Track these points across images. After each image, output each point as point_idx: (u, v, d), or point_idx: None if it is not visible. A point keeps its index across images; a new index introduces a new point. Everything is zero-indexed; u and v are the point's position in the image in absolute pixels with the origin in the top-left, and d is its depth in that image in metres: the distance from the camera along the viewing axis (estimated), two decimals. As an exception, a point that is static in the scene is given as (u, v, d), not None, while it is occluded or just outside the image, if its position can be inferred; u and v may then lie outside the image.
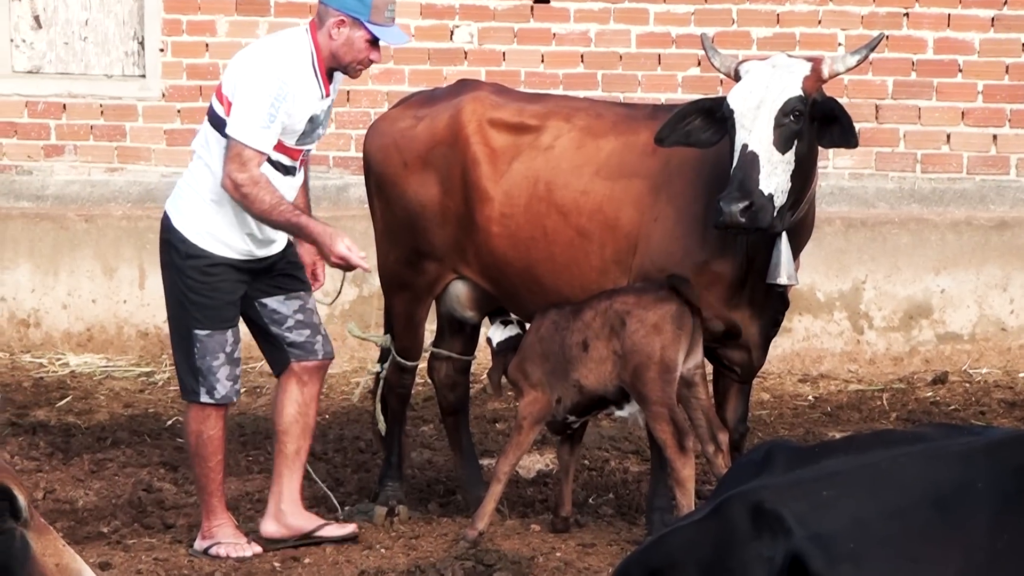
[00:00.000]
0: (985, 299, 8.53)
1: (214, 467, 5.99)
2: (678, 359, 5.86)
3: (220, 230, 5.87)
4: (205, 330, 5.87)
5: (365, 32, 5.87)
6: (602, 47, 8.83)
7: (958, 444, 3.44)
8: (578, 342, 5.95)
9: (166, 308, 6.05)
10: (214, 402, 5.93)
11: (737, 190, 5.71)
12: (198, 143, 6.01)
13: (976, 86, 8.65)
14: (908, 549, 3.33)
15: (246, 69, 5.85)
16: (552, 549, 5.99)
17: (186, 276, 5.87)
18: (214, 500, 6.01)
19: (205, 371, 5.89)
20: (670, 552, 3.46)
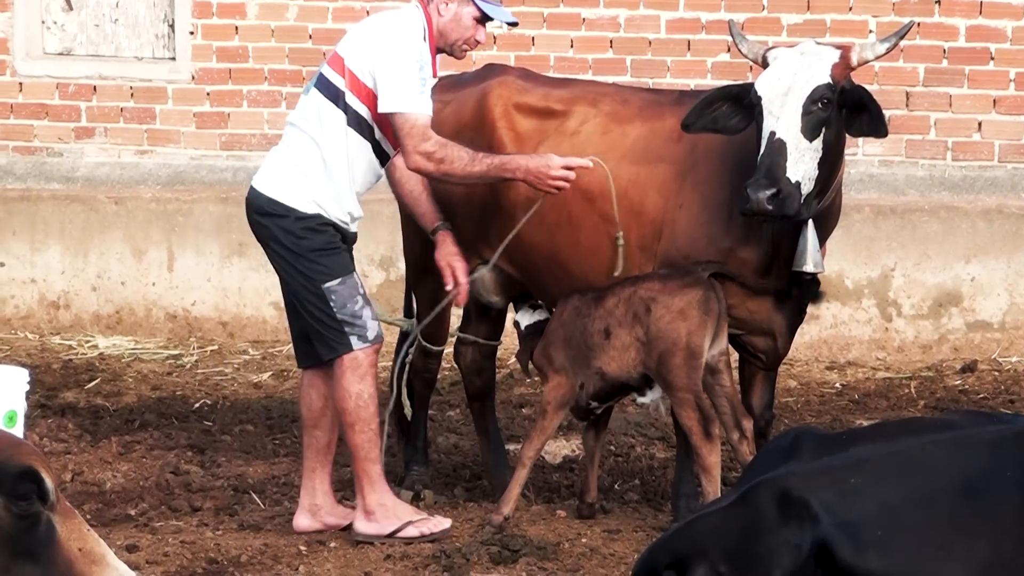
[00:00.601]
0: (1016, 287, 8.49)
1: (376, 430, 5.89)
2: (704, 345, 5.84)
3: (324, 200, 5.83)
4: (336, 279, 5.81)
5: (474, 8, 5.87)
6: (631, 32, 8.80)
7: (987, 432, 3.43)
8: (600, 329, 5.94)
9: (284, 285, 5.93)
10: (369, 343, 5.84)
11: (764, 177, 5.68)
12: (301, 117, 5.91)
13: (1008, 74, 8.60)
14: (935, 537, 3.32)
15: (382, 43, 5.78)
16: (578, 535, 5.99)
17: (300, 237, 5.81)
18: (377, 468, 5.90)
19: (350, 319, 5.82)
20: (696, 539, 3.45)
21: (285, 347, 8.74)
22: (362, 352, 5.85)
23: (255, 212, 5.91)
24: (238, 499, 6.46)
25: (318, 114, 5.86)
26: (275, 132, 9.09)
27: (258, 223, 5.91)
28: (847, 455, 3.45)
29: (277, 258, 5.90)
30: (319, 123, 5.86)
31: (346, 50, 5.88)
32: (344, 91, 5.83)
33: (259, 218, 5.90)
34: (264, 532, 6.08)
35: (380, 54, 5.77)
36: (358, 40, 5.87)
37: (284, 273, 5.91)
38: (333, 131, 5.83)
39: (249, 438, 7.26)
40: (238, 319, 8.93)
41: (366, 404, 5.85)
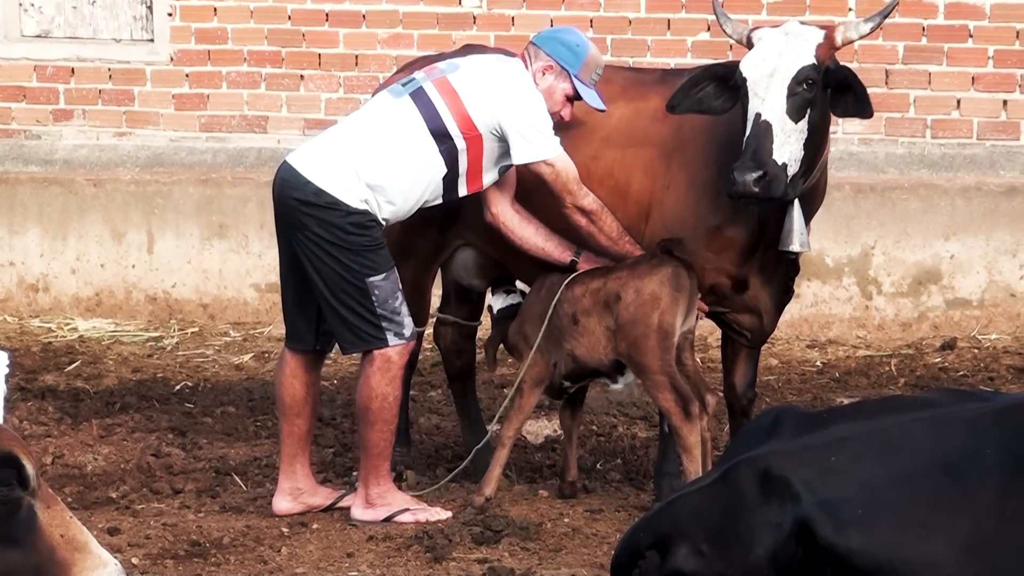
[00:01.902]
0: (994, 265, 8.51)
1: (393, 429, 5.91)
2: (676, 324, 5.84)
3: (374, 202, 5.78)
4: (380, 274, 5.77)
5: (569, 86, 5.88)
6: (611, 11, 8.79)
7: (967, 410, 3.44)
8: (568, 313, 5.94)
9: (317, 277, 5.79)
10: (405, 340, 5.82)
11: (751, 160, 5.68)
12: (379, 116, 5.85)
13: (987, 51, 8.61)
14: (916, 515, 3.33)
15: (512, 95, 5.80)
16: (560, 515, 5.99)
17: (348, 233, 5.75)
18: (386, 464, 5.92)
19: (390, 315, 5.79)
20: (678, 518, 3.46)
21: (266, 328, 8.73)
22: (396, 351, 5.82)
23: (293, 196, 5.79)
24: (220, 481, 6.45)
25: (404, 121, 5.82)
26: (254, 113, 9.08)
27: (296, 209, 5.79)
28: (828, 433, 3.46)
29: (313, 247, 5.78)
30: (401, 129, 5.81)
31: (460, 84, 5.83)
32: (444, 114, 5.80)
33: (299, 205, 5.78)
34: (246, 514, 6.08)
35: (512, 103, 5.78)
36: (479, 82, 5.84)
37: (319, 262, 5.78)
38: (414, 142, 5.79)
39: (231, 420, 7.25)
40: (219, 301, 8.92)
41: (390, 406, 5.86)
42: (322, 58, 9.01)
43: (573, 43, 5.92)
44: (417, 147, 5.81)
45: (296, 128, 9.02)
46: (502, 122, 5.79)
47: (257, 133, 9.08)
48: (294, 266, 5.91)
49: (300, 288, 5.93)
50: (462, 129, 5.81)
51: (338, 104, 9.01)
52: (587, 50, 5.91)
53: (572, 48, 5.90)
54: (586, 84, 5.89)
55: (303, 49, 9.01)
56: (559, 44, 5.91)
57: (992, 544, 3.27)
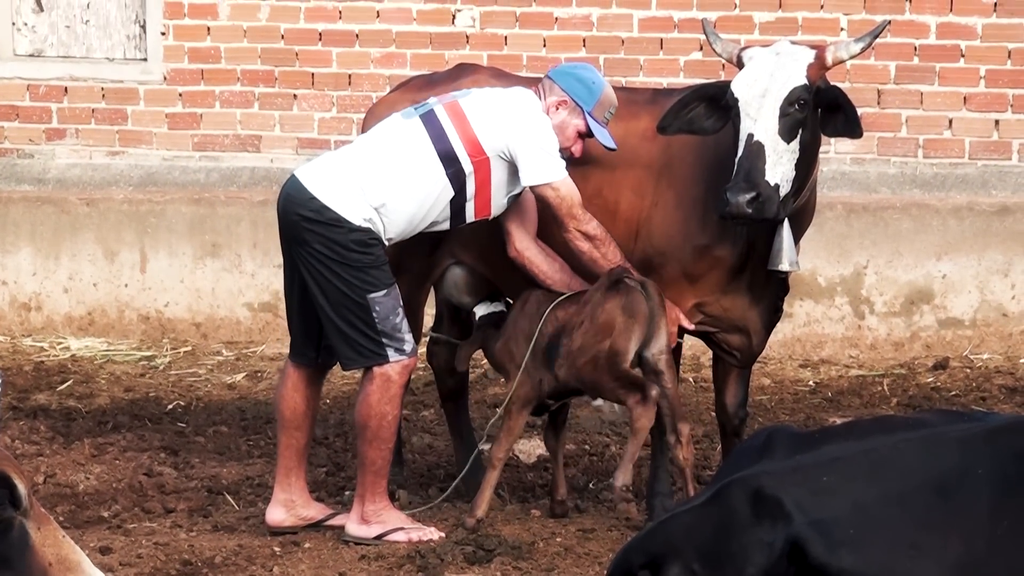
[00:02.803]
0: (987, 284, 8.52)
1: (392, 448, 5.91)
2: (629, 347, 5.81)
3: (378, 221, 5.79)
4: (382, 290, 5.78)
5: (582, 122, 5.89)
6: (604, 31, 8.81)
7: (959, 430, 3.44)
8: (547, 334, 5.93)
9: (319, 292, 5.79)
10: (406, 356, 5.82)
11: (744, 181, 5.69)
12: (390, 137, 5.86)
13: (979, 71, 8.63)
14: (908, 535, 3.33)
15: (521, 119, 5.82)
16: (552, 534, 5.99)
17: (351, 250, 5.75)
18: (383, 483, 5.92)
19: (390, 331, 5.79)
20: (670, 538, 3.46)
21: (259, 348, 8.72)
22: (395, 369, 5.82)
23: (297, 212, 5.80)
24: (212, 500, 6.45)
25: (412, 143, 5.83)
26: (248, 132, 9.09)
27: (299, 224, 5.79)
28: (820, 453, 3.46)
29: (315, 262, 5.78)
30: (409, 151, 5.83)
31: (471, 109, 5.85)
32: (453, 137, 5.81)
33: (302, 220, 5.78)
34: (238, 533, 6.07)
35: (521, 129, 5.80)
36: (490, 107, 5.86)
37: (321, 278, 5.78)
38: (421, 164, 5.80)
39: (223, 439, 7.24)
40: (211, 320, 8.92)
41: (389, 424, 5.86)
42: (315, 77, 9.02)
43: (589, 80, 5.93)
44: (424, 169, 5.82)
45: (289, 147, 9.03)
46: (510, 144, 5.80)
47: (250, 152, 9.09)
48: (296, 280, 5.92)
49: (302, 302, 5.94)
50: (470, 153, 5.83)
51: (331, 123, 9.02)
52: (602, 88, 5.93)
53: (588, 85, 5.91)
54: (599, 122, 5.91)
55: (296, 68, 9.03)
56: (575, 80, 5.93)
57: (983, 564, 3.27)
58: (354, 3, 8.97)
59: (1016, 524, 3.27)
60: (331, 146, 8.91)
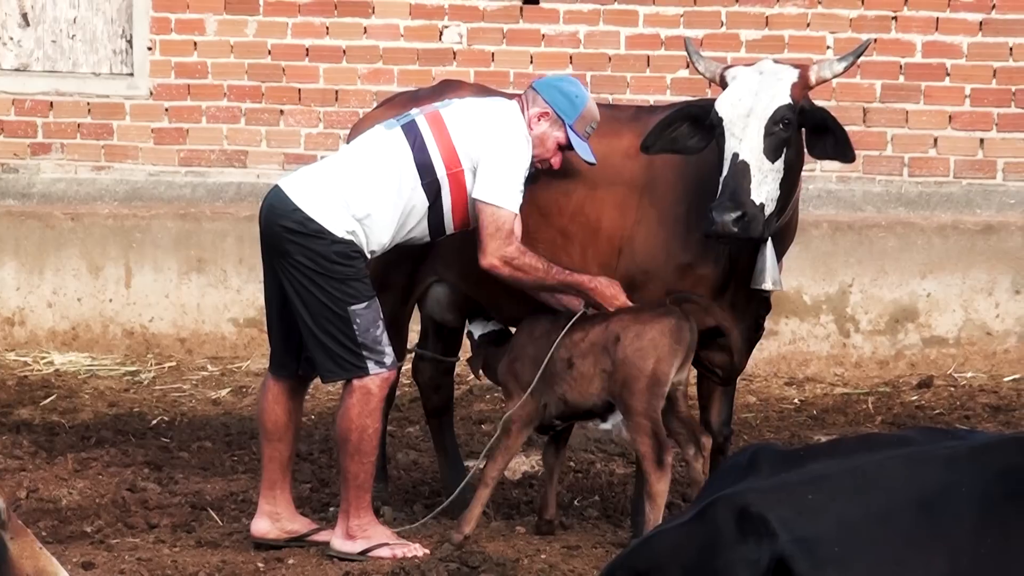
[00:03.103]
0: (971, 303, 8.54)
1: (373, 461, 5.90)
2: (670, 374, 5.82)
3: (360, 232, 5.79)
4: (363, 303, 5.77)
5: (563, 135, 5.90)
6: (591, 48, 8.83)
7: (943, 448, 3.44)
8: (564, 358, 5.92)
9: (299, 303, 5.78)
10: (386, 368, 5.82)
11: (729, 200, 5.70)
12: (371, 147, 5.86)
13: (964, 90, 8.66)
14: (893, 552, 3.33)
15: (498, 135, 5.82)
16: (537, 551, 5.98)
17: (333, 262, 5.75)
18: (367, 497, 5.91)
19: (371, 344, 5.79)
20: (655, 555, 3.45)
21: (244, 363, 8.71)
22: (375, 383, 5.82)
23: (280, 224, 5.80)
24: (195, 516, 6.43)
25: (393, 153, 5.84)
26: (234, 148, 9.08)
27: (281, 236, 5.79)
28: (805, 471, 3.46)
29: (297, 274, 5.78)
30: (389, 161, 5.83)
31: (451, 119, 5.86)
32: (431, 146, 5.82)
33: (284, 232, 5.78)
34: (222, 549, 6.05)
35: (495, 145, 5.80)
36: (470, 119, 5.87)
37: (303, 289, 5.78)
38: (400, 174, 5.81)
39: (207, 455, 7.22)
40: (196, 335, 8.90)
41: (370, 438, 5.85)
42: (302, 93, 9.03)
43: (572, 94, 5.94)
44: (402, 179, 5.83)
45: (276, 163, 9.02)
46: (482, 156, 5.81)
47: (237, 168, 9.08)
48: (278, 291, 5.92)
49: (283, 313, 5.94)
50: (446, 163, 5.83)
51: (318, 139, 9.02)
52: (585, 103, 5.93)
53: (571, 99, 5.92)
54: (579, 136, 5.91)
55: (283, 84, 9.02)
56: (558, 93, 5.93)
57: (968, 583, 3.27)
58: (341, 19, 8.98)
59: (1000, 542, 3.27)
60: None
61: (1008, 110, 8.65)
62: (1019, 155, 8.67)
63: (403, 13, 8.92)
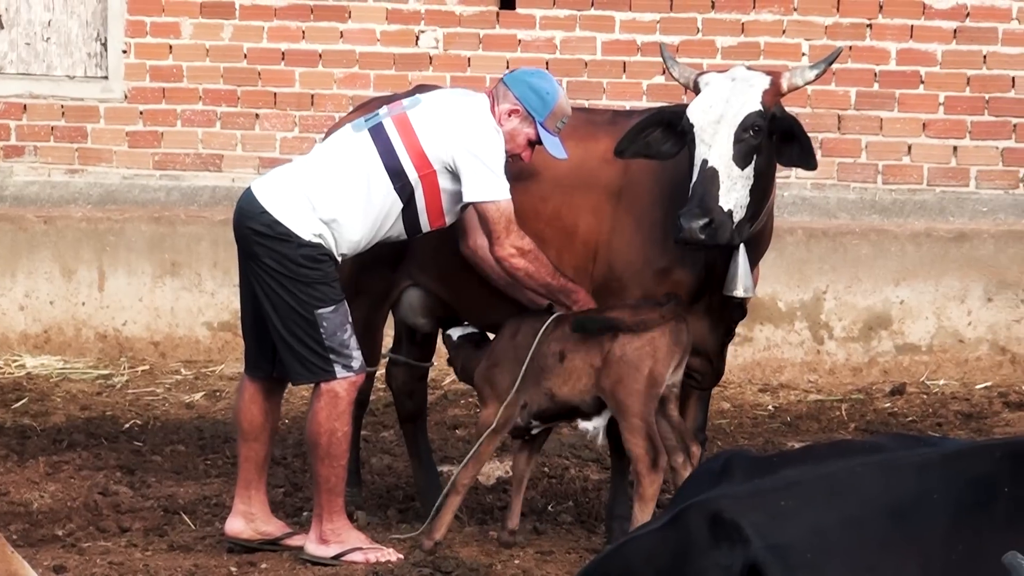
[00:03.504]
0: (943, 311, 8.57)
1: (345, 465, 5.89)
2: (666, 375, 5.81)
3: (329, 236, 5.78)
4: (330, 306, 5.77)
5: (533, 131, 5.87)
6: (567, 54, 8.83)
7: (915, 455, 3.46)
8: (555, 352, 5.89)
9: (268, 306, 5.78)
10: (354, 372, 5.81)
11: (697, 206, 5.70)
12: (339, 150, 5.85)
13: (938, 97, 8.69)
14: (865, 559, 3.34)
15: (467, 130, 5.79)
16: (510, 556, 5.98)
17: (300, 265, 5.74)
18: (340, 500, 5.90)
19: (338, 347, 5.78)
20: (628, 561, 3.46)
21: (218, 367, 8.68)
22: (343, 386, 5.81)
23: (248, 226, 5.80)
24: (168, 520, 6.41)
25: (361, 156, 5.83)
26: (209, 152, 9.06)
27: (250, 238, 5.80)
28: (778, 477, 3.47)
29: (266, 276, 5.79)
30: (357, 165, 5.82)
31: (418, 121, 5.84)
32: (400, 150, 5.81)
33: (252, 234, 5.79)
34: (194, 553, 6.03)
35: (467, 143, 5.78)
36: (437, 119, 5.84)
37: (271, 292, 5.79)
38: (369, 178, 5.80)
39: (180, 459, 7.20)
40: (170, 339, 8.87)
41: (339, 441, 5.84)
42: (277, 97, 9.01)
43: (543, 90, 5.91)
44: (373, 184, 5.82)
45: (251, 167, 9.01)
46: (456, 157, 5.80)
47: (212, 171, 9.06)
48: (251, 292, 5.92)
49: (257, 315, 5.93)
50: (416, 166, 5.82)
51: (293, 143, 9.00)
52: (556, 98, 5.91)
53: (541, 95, 5.90)
54: (550, 132, 5.90)
55: (259, 88, 9.01)
56: (528, 88, 5.91)
57: (939, 589, 3.28)
58: (317, 23, 8.97)
59: (971, 549, 3.28)
60: (292, 166, 8.89)
61: (981, 118, 8.68)
62: (992, 163, 8.71)
63: (379, 18, 8.91)
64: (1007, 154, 8.72)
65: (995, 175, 8.72)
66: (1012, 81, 8.66)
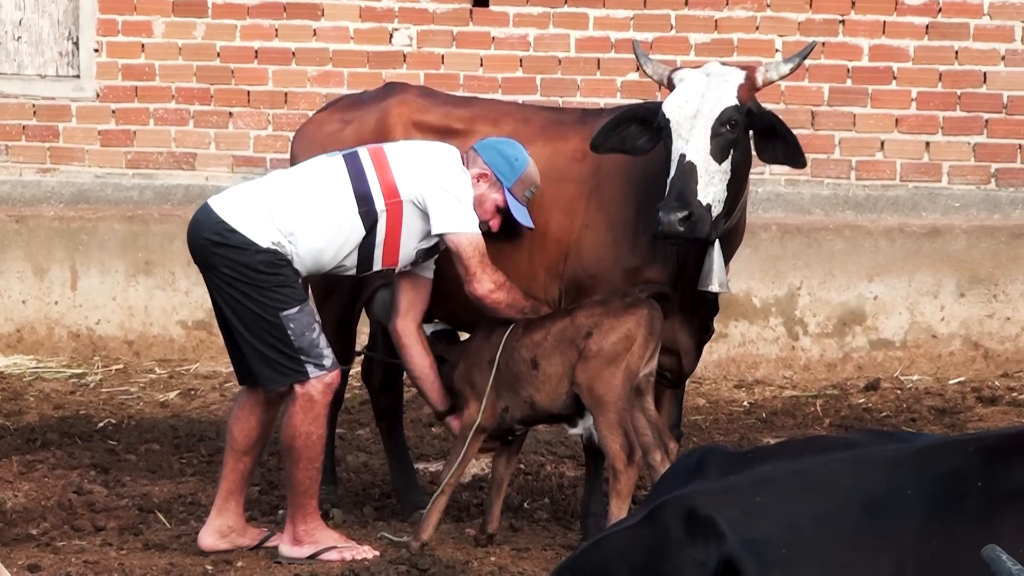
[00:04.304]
0: (916, 306, 8.60)
1: (319, 467, 5.90)
2: (641, 366, 5.82)
3: (287, 246, 5.78)
4: (294, 307, 5.77)
5: (500, 197, 5.89)
6: (541, 51, 8.84)
7: (888, 451, 3.47)
8: (526, 359, 5.88)
9: (231, 315, 5.80)
10: (326, 370, 5.81)
11: (676, 200, 5.71)
12: (309, 173, 5.88)
13: (910, 93, 8.72)
14: (839, 554, 3.35)
15: (439, 169, 5.83)
16: (486, 553, 5.98)
17: (259, 272, 5.75)
18: (313, 502, 5.92)
19: (308, 347, 5.78)
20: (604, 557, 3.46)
21: (192, 366, 8.67)
22: (317, 388, 5.81)
23: (204, 236, 5.81)
24: (143, 519, 6.40)
25: (331, 178, 5.85)
26: (182, 150, 9.04)
27: (207, 249, 5.81)
28: (753, 473, 3.47)
29: (226, 286, 5.80)
30: (326, 185, 5.84)
31: (393, 155, 5.88)
32: (371, 177, 5.83)
33: (209, 245, 5.80)
34: (170, 551, 6.02)
35: (436, 179, 5.81)
36: (411, 156, 5.89)
37: (233, 301, 5.80)
38: (336, 199, 5.82)
39: (155, 457, 7.19)
40: (144, 338, 8.85)
41: (314, 444, 5.85)
42: (251, 95, 8.99)
43: (512, 157, 5.94)
44: (337, 204, 5.84)
45: (225, 165, 8.99)
46: (425, 192, 5.81)
47: (185, 170, 9.04)
48: (217, 305, 5.92)
49: (229, 326, 5.92)
50: (385, 194, 5.85)
51: (267, 141, 8.99)
52: (524, 166, 5.93)
53: (510, 161, 5.92)
54: (518, 199, 5.90)
55: (232, 86, 8.99)
56: (498, 155, 5.94)
57: (913, 584, 3.29)
58: (290, 21, 8.96)
59: (944, 545, 3.30)
60: (267, 164, 8.89)
61: (953, 114, 8.72)
62: (964, 159, 8.74)
63: (353, 15, 8.90)
64: (979, 149, 8.75)
65: (967, 170, 8.75)
66: (984, 77, 8.70)
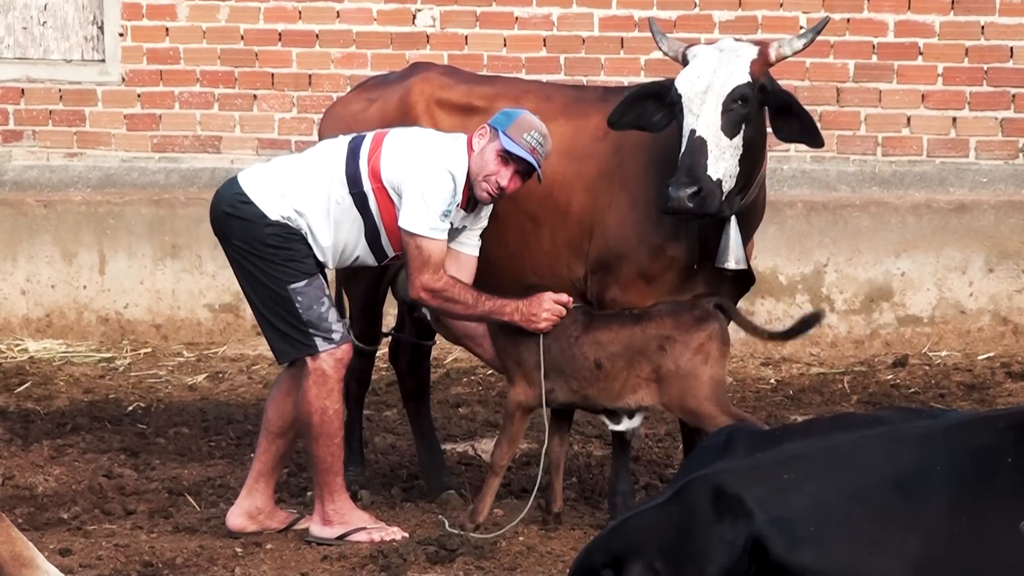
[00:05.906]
0: (944, 282, 8.57)
1: (340, 443, 5.90)
2: (725, 372, 5.80)
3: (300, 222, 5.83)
4: (302, 280, 5.82)
5: (498, 143, 5.83)
6: (564, 31, 8.82)
7: (917, 427, 3.46)
8: (589, 358, 5.84)
9: (247, 286, 5.89)
10: (335, 345, 5.83)
11: (685, 175, 5.70)
12: (323, 152, 5.92)
13: (936, 69, 8.68)
14: (868, 532, 3.35)
15: (420, 164, 5.81)
16: (515, 533, 5.99)
17: (268, 244, 5.81)
18: (339, 480, 5.92)
19: (316, 320, 5.81)
20: (632, 536, 3.47)
21: (220, 349, 8.69)
22: (328, 363, 5.82)
23: (221, 208, 5.89)
24: (173, 501, 6.42)
25: (330, 157, 5.90)
26: (207, 133, 9.05)
27: (223, 219, 5.89)
28: (780, 451, 3.47)
29: (239, 257, 5.88)
30: (324, 163, 5.89)
31: (389, 142, 5.89)
32: (362, 161, 5.85)
33: (224, 216, 5.88)
34: (199, 534, 6.05)
35: (413, 174, 5.79)
36: (403, 146, 5.88)
37: (246, 272, 5.88)
38: (330, 180, 5.86)
39: (184, 440, 7.21)
40: (172, 321, 8.88)
41: (331, 419, 5.85)
42: (275, 78, 9.00)
43: (513, 112, 5.92)
44: (331, 184, 5.87)
45: (250, 148, 9.00)
46: (402, 184, 5.82)
47: (210, 153, 9.06)
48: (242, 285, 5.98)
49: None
50: (371, 178, 5.87)
51: (291, 124, 9.00)
52: (520, 113, 5.90)
53: (507, 113, 5.91)
54: (517, 143, 5.82)
55: (256, 69, 9.00)
56: (501, 114, 5.94)
57: (942, 561, 3.29)
58: (314, 3, 8.96)
59: (974, 521, 3.29)
60: (291, 146, 8.90)
61: (980, 88, 8.67)
62: (991, 134, 8.70)
63: (376, -3, 8.90)
64: (1006, 124, 8.71)
65: (994, 145, 8.71)
66: (1010, 51, 8.65)
